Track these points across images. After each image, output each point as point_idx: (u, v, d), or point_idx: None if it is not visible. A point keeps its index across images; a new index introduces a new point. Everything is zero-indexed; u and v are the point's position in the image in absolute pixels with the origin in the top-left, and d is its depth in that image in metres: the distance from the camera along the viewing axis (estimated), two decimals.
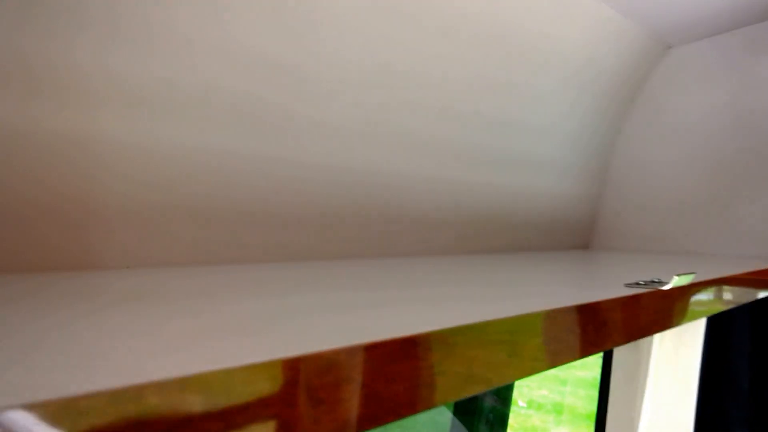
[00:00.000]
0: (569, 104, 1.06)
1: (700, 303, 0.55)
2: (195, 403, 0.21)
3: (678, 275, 0.49)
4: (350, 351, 0.26)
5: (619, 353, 1.14)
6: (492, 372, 0.32)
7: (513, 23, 0.84)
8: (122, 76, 0.53)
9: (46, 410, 0.17)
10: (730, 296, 0.63)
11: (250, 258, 0.67)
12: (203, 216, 0.62)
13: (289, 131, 0.68)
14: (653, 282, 0.49)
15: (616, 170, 1.24)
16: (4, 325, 0.28)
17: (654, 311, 0.46)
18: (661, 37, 1.09)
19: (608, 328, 0.40)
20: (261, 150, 0.66)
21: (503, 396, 1.80)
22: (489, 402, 1.79)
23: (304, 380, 0.24)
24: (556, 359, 0.36)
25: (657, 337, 1.11)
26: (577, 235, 1.24)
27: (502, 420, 1.81)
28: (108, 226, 0.55)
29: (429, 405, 0.30)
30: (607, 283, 0.52)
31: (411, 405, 0.29)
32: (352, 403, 0.26)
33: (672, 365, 1.11)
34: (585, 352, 0.38)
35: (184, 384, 0.20)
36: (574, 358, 0.37)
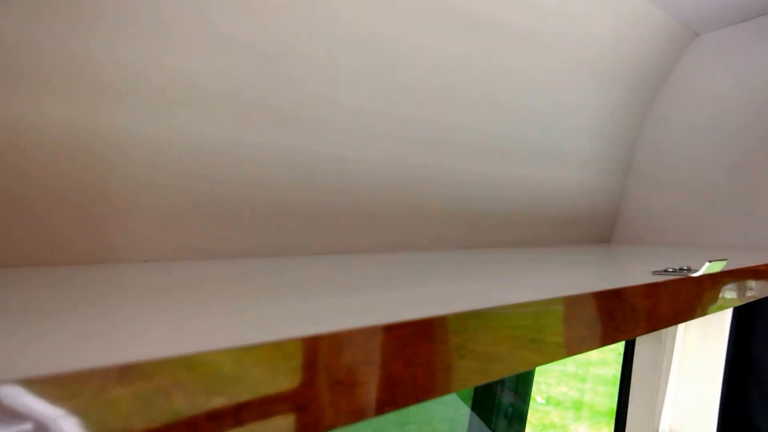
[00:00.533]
0: (593, 94, 1.03)
1: (731, 292, 0.53)
2: (208, 382, 0.20)
3: (710, 261, 0.47)
4: (369, 331, 0.25)
5: (641, 347, 1.12)
6: (513, 357, 0.31)
7: (537, 12, 0.82)
8: (140, 70, 0.53)
9: (40, 386, 0.17)
10: (761, 286, 0.60)
11: (269, 251, 0.67)
12: (222, 210, 0.61)
13: (308, 124, 0.67)
14: (682, 269, 0.48)
15: (639, 161, 1.21)
16: (15, 314, 0.28)
17: (684, 299, 0.45)
18: (688, 24, 1.06)
19: (635, 315, 0.39)
20: (280, 143, 0.65)
21: (522, 392, 1.78)
22: (507, 398, 1.77)
23: (322, 360, 0.23)
24: (579, 346, 0.35)
25: (681, 331, 1.09)
26: (598, 228, 1.21)
27: (521, 416, 1.79)
28: (125, 219, 0.55)
29: (448, 390, 0.29)
30: (634, 271, 0.50)
31: (430, 389, 0.28)
32: (371, 385, 0.25)
33: (696, 359, 1.08)
34: (610, 340, 0.37)
35: (196, 362, 0.20)
36: (599, 345, 0.36)
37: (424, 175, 0.83)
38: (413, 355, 0.27)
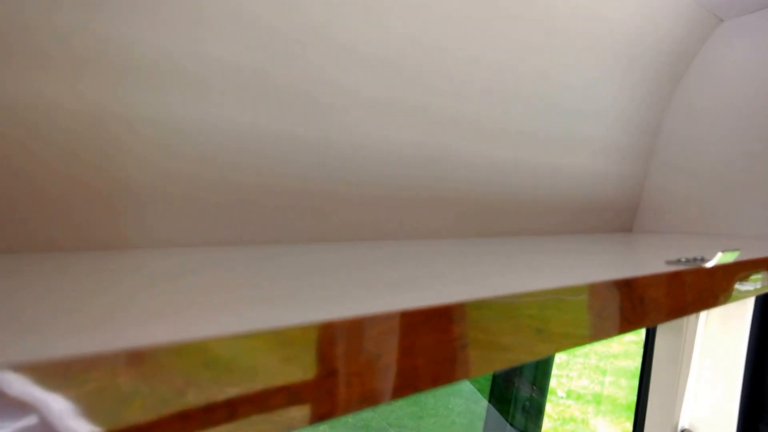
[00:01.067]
0: (614, 80, 1.02)
1: (746, 282, 0.52)
2: (200, 369, 0.20)
3: (723, 252, 0.46)
4: (372, 319, 0.25)
5: (662, 339, 1.10)
6: (518, 347, 0.31)
7: None
8: (155, 52, 0.53)
9: (39, 371, 0.17)
10: None
11: (284, 238, 0.67)
12: (239, 196, 0.62)
13: (328, 109, 0.67)
14: (696, 259, 0.47)
15: (662, 149, 1.18)
16: (22, 300, 0.28)
17: (696, 289, 0.44)
18: (713, 9, 1.03)
19: (645, 305, 0.38)
20: (298, 128, 0.65)
21: (540, 385, 1.78)
22: (525, 391, 1.77)
23: (324, 348, 0.24)
24: (587, 336, 0.34)
25: (702, 323, 1.07)
26: (619, 217, 1.19)
27: (539, 409, 1.78)
28: (141, 205, 0.55)
29: (452, 379, 0.29)
30: (649, 261, 0.50)
31: (432, 379, 0.28)
32: (373, 374, 0.25)
33: (717, 351, 1.06)
34: (619, 330, 0.36)
35: (189, 349, 0.20)
36: (607, 336, 0.36)
37: (442, 163, 0.82)
38: (416, 343, 0.27)
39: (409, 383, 0.27)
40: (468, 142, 0.85)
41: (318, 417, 0.24)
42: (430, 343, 0.28)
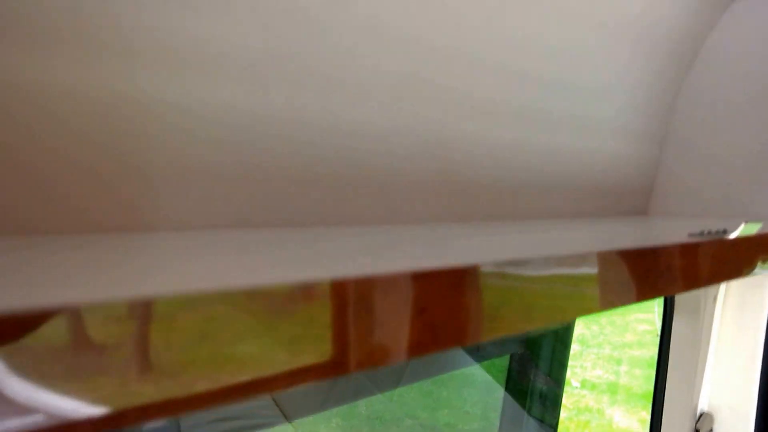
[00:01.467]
0: (625, 60, 1.01)
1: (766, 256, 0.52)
2: (240, 319, 0.21)
3: (745, 223, 0.47)
4: (410, 276, 0.26)
5: (679, 322, 1.10)
6: (549, 309, 0.32)
7: None
8: (175, 35, 0.53)
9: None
10: None
11: (299, 222, 0.67)
12: (254, 178, 0.62)
13: (344, 90, 0.67)
14: (718, 231, 0.47)
15: (675, 131, 1.18)
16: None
17: (719, 260, 0.44)
18: None
19: (671, 273, 0.39)
20: (319, 111, 0.65)
21: (556, 376, 1.78)
22: (542, 381, 1.77)
23: (362, 301, 0.24)
24: (615, 300, 0.35)
25: (719, 304, 1.07)
26: (633, 200, 1.19)
27: (556, 400, 1.79)
28: (154, 187, 0.55)
29: (483, 337, 0.30)
30: (670, 236, 0.50)
31: (466, 335, 0.29)
32: (408, 328, 0.26)
33: (735, 333, 1.06)
34: (645, 296, 0.37)
35: (198, 301, 0.20)
36: (633, 301, 0.36)
37: (451, 145, 0.82)
38: (453, 301, 0.28)
39: (426, 342, 0.27)
40: (474, 123, 0.85)
41: (330, 373, 0.24)
42: (465, 302, 0.28)
